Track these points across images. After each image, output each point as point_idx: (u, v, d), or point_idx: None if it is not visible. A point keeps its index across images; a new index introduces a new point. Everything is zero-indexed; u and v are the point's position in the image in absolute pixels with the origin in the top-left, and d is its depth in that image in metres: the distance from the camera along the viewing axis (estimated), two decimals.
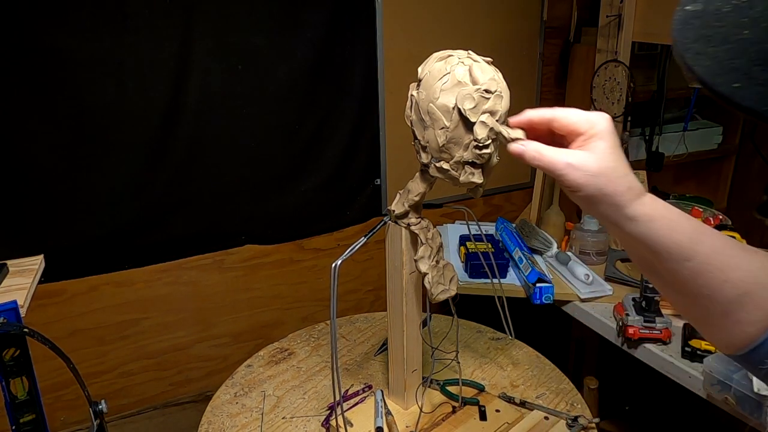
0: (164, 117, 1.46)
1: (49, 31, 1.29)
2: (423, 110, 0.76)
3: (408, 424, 1.01)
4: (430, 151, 0.78)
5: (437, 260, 0.91)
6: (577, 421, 1.01)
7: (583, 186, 0.56)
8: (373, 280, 1.95)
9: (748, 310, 0.53)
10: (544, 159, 0.59)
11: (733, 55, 0.23)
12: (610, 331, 1.39)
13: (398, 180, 1.84)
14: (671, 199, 1.93)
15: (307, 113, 1.65)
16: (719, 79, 0.24)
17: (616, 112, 1.76)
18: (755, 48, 0.23)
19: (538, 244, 1.69)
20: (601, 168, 0.56)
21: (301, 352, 1.27)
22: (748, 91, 0.22)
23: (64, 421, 1.57)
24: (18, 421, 0.93)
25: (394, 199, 0.91)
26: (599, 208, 0.57)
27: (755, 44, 0.23)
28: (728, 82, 0.23)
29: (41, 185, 1.38)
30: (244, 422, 1.06)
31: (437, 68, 0.75)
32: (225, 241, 1.67)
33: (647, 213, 0.56)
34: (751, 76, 0.22)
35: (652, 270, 0.59)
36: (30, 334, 0.88)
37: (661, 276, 0.58)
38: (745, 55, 0.23)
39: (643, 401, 2.00)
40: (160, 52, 1.41)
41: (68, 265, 1.46)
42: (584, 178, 0.56)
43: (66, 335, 1.52)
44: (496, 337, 1.31)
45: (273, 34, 1.53)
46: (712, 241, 0.55)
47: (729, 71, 0.23)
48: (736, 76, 0.23)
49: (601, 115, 0.58)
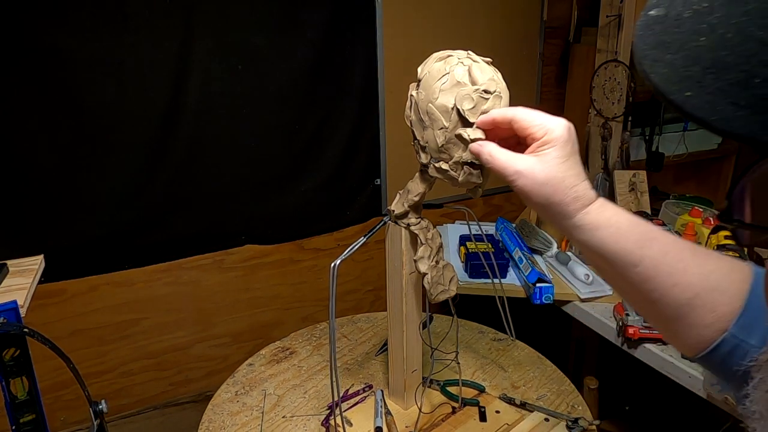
0: (164, 117, 1.46)
1: (49, 31, 1.29)
2: (422, 110, 0.76)
3: (408, 425, 1.01)
4: (430, 152, 0.78)
5: (437, 260, 0.91)
6: (577, 423, 1.01)
7: (530, 194, 0.58)
8: (373, 280, 1.95)
9: (700, 313, 0.54)
10: (497, 162, 0.61)
11: (689, 63, 0.23)
12: (610, 331, 1.39)
13: (398, 180, 1.84)
14: (671, 199, 1.93)
15: (307, 113, 1.65)
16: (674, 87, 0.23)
17: (617, 112, 1.76)
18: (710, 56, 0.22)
19: (538, 244, 1.69)
20: (548, 177, 0.57)
21: (302, 352, 1.27)
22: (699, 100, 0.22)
23: (64, 421, 1.57)
24: (18, 421, 0.93)
25: (394, 199, 0.91)
26: (547, 215, 0.59)
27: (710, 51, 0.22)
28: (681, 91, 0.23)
29: (41, 185, 1.38)
30: (244, 420, 1.06)
31: (436, 68, 0.75)
32: (225, 241, 1.67)
33: (592, 222, 0.57)
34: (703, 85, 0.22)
35: (605, 275, 0.60)
36: (30, 334, 0.88)
37: (614, 281, 0.59)
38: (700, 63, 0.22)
39: (643, 401, 2.00)
40: (160, 52, 1.41)
41: (68, 265, 1.46)
42: (531, 186, 0.57)
43: (66, 335, 1.51)
44: (497, 338, 1.31)
45: (273, 34, 1.53)
46: (660, 246, 0.55)
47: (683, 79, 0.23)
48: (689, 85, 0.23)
49: (559, 122, 0.59)
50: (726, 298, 0.53)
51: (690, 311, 0.54)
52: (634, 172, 1.80)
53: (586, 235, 0.57)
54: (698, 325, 0.54)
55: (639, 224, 0.57)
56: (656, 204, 1.87)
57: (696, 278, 0.54)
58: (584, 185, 0.58)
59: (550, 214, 0.59)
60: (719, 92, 0.21)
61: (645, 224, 0.57)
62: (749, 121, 0.20)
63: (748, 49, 0.21)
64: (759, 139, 0.20)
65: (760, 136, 0.20)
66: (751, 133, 0.20)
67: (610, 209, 0.58)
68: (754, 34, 0.21)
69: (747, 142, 0.20)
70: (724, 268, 0.55)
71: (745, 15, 0.22)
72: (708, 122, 0.22)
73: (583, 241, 0.58)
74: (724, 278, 0.54)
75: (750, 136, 0.20)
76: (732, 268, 0.55)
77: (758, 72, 0.20)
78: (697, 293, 0.53)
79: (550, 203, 0.58)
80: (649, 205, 1.78)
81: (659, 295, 0.55)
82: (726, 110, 0.21)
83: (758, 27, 0.21)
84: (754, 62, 0.21)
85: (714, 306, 0.53)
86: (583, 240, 0.58)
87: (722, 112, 0.21)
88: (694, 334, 0.55)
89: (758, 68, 0.20)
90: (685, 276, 0.54)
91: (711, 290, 0.54)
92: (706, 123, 0.22)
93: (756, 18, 0.21)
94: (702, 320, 0.54)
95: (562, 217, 0.58)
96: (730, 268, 0.55)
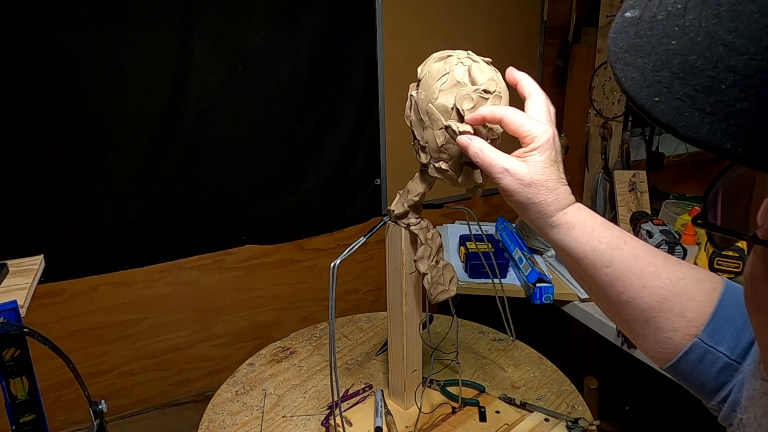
0: (164, 117, 1.46)
1: (49, 31, 1.29)
2: (422, 110, 0.76)
3: (407, 425, 1.01)
4: (429, 152, 0.78)
5: (437, 260, 0.91)
6: (577, 423, 1.01)
7: (514, 192, 0.61)
8: (373, 280, 1.95)
9: (668, 317, 0.55)
10: (485, 158, 0.64)
11: (659, 67, 0.23)
12: (610, 331, 1.39)
13: (398, 180, 1.84)
14: (671, 199, 1.93)
15: (307, 113, 1.65)
16: (643, 92, 0.23)
17: (617, 112, 1.76)
18: (679, 60, 0.22)
19: (538, 244, 1.69)
20: (532, 179, 0.60)
21: (302, 351, 1.27)
22: (667, 105, 0.22)
23: (64, 421, 1.57)
24: (18, 421, 0.93)
25: (394, 199, 0.91)
26: (527, 214, 0.62)
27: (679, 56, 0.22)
28: (650, 96, 0.22)
29: (41, 185, 1.38)
30: (244, 420, 1.06)
31: (436, 68, 0.75)
32: (225, 241, 1.67)
33: (568, 222, 0.60)
34: (671, 90, 0.22)
35: (578, 276, 0.62)
36: (30, 334, 0.88)
37: (585, 282, 0.61)
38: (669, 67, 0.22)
39: (643, 401, 2.00)
40: (160, 52, 1.41)
41: (68, 265, 1.46)
42: (516, 185, 0.61)
43: (66, 335, 1.52)
44: (498, 338, 1.31)
45: (273, 34, 1.53)
46: (631, 250, 0.58)
47: (652, 84, 0.23)
48: (657, 90, 0.22)
49: (545, 129, 0.62)
50: (695, 304, 0.54)
51: (658, 314, 0.55)
52: (634, 172, 1.80)
53: (561, 235, 0.60)
54: (667, 328, 0.55)
55: (612, 228, 0.60)
56: (656, 204, 1.87)
57: (665, 283, 0.55)
58: (564, 189, 0.62)
59: (529, 213, 0.62)
60: (687, 98, 0.21)
61: (618, 230, 0.60)
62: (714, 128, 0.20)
63: (716, 53, 0.21)
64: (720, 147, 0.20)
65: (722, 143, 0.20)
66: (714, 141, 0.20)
67: (585, 212, 0.61)
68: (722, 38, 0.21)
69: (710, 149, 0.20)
70: (695, 276, 0.56)
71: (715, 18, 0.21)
72: (674, 128, 0.21)
73: (558, 240, 0.61)
74: (693, 285, 0.55)
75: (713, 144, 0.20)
76: (702, 278, 0.56)
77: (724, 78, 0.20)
78: (666, 297, 0.55)
79: (531, 203, 0.61)
80: (649, 205, 1.78)
81: (628, 298, 0.56)
82: (692, 116, 0.21)
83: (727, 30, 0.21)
84: (721, 68, 0.20)
85: (682, 311, 0.54)
86: (559, 239, 0.61)
87: (688, 119, 0.21)
88: (662, 339, 0.55)
89: (724, 74, 0.20)
90: (654, 280, 0.56)
91: (679, 295, 0.55)
92: (673, 129, 0.21)
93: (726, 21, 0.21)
94: (670, 324, 0.55)
95: (540, 216, 0.61)
96: (700, 277, 0.56)
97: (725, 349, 0.52)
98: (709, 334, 0.53)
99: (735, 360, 0.52)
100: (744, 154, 0.19)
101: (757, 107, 0.19)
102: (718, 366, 0.53)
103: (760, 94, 0.19)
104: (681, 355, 0.54)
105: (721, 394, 0.53)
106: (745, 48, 0.20)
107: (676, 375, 0.57)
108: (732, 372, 0.52)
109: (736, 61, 0.20)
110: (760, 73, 0.19)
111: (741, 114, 0.19)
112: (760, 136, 0.19)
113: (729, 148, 0.20)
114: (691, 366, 0.54)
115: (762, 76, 0.19)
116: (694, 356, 0.54)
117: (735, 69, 0.20)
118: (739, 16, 0.21)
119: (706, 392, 0.55)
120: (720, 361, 0.52)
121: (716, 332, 0.53)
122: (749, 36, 0.20)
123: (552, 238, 0.61)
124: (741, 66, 0.20)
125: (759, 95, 0.19)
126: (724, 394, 0.53)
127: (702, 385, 0.55)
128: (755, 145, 0.19)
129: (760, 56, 0.19)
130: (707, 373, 0.53)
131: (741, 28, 0.20)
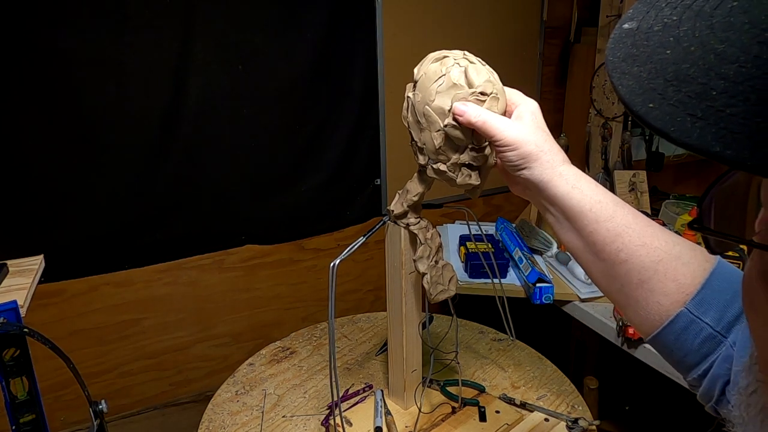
0: (164, 117, 1.46)
1: (49, 31, 1.29)
2: (419, 112, 0.76)
3: (407, 424, 1.01)
4: (427, 153, 0.78)
5: (436, 260, 0.91)
6: (577, 423, 1.01)
7: (522, 141, 0.62)
8: (373, 280, 1.95)
9: (662, 279, 0.55)
10: (487, 117, 0.66)
11: (653, 75, 0.24)
12: (610, 331, 1.39)
13: (398, 180, 1.84)
14: (671, 199, 1.93)
15: (307, 113, 1.65)
16: (638, 99, 0.24)
17: (617, 112, 1.76)
18: (672, 68, 0.23)
19: (538, 244, 1.69)
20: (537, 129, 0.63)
21: (302, 351, 1.27)
22: (660, 111, 0.23)
23: (64, 421, 1.57)
24: (18, 421, 0.93)
25: (394, 199, 0.91)
26: (533, 168, 0.63)
27: (673, 64, 0.23)
28: (645, 102, 0.23)
29: (41, 185, 1.38)
30: (244, 420, 1.06)
31: (433, 70, 0.74)
32: (225, 241, 1.67)
33: (576, 172, 0.62)
34: (665, 96, 0.23)
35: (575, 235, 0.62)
36: (30, 334, 0.88)
37: (583, 240, 0.61)
38: (663, 75, 0.23)
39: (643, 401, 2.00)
40: (160, 52, 1.41)
41: (68, 265, 1.46)
42: (525, 132, 0.63)
43: (66, 335, 1.52)
44: (497, 338, 1.31)
45: (273, 34, 1.53)
46: (630, 209, 0.59)
47: (647, 91, 0.24)
48: (652, 96, 0.23)
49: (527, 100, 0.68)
50: (688, 270, 0.55)
51: (653, 276, 0.55)
52: (634, 172, 1.80)
53: (569, 185, 0.60)
54: (658, 292, 0.55)
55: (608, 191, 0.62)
56: (656, 204, 1.87)
57: (663, 243, 0.56)
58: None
59: (535, 166, 0.62)
60: (679, 104, 0.22)
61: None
62: (704, 132, 0.21)
63: (708, 61, 0.22)
64: (710, 150, 0.20)
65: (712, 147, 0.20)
66: (704, 144, 0.21)
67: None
68: (714, 48, 0.22)
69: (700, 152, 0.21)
70: (689, 245, 0.57)
71: (708, 28, 0.22)
72: (667, 133, 0.22)
73: (564, 192, 0.61)
74: (688, 252, 0.56)
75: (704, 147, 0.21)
76: (696, 248, 0.57)
77: (715, 85, 0.21)
78: (662, 258, 0.55)
79: (540, 150, 0.62)
80: (649, 205, 1.78)
81: (626, 255, 0.57)
82: (684, 121, 0.21)
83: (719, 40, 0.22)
84: (712, 75, 0.21)
85: (676, 275, 0.55)
86: (565, 192, 0.61)
87: (680, 123, 0.22)
88: (652, 304, 0.56)
89: (715, 81, 0.21)
90: (653, 239, 0.56)
91: (675, 258, 0.55)
92: (666, 134, 0.22)
93: (718, 31, 0.22)
94: (663, 287, 0.55)
95: (550, 164, 0.61)
96: (694, 246, 0.57)
97: (711, 320, 0.53)
98: (697, 304, 0.53)
99: (719, 332, 0.52)
100: (732, 157, 0.20)
101: (746, 112, 0.20)
102: (702, 337, 0.53)
103: (749, 100, 0.20)
104: (666, 324, 0.55)
105: (701, 367, 0.54)
106: (735, 57, 0.21)
107: (659, 345, 0.58)
108: (715, 345, 0.53)
109: (726, 69, 0.21)
110: (749, 80, 0.20)
111: (730, 119, 0.20)
112: (748, 139, 0.19)
113: (718, 151, 0.20)
114: (675, 336, 0.55)
115: (751, 82, 0.20)
116: (679, 325, 0.54)
117: (725, 76, 0.21)
118: (730, 27, 0.22)
119: (686, 365, 0.55)
120: (704, 332, 0.53)
121: (704, 302, 0.53)
122: (740, 45, 0.21)
123: (558, 191, 0.61)
124: (731, 74, 0.21)
125: (748, 101, 0.20)
126: (705, 367, 0.53)
127: (683, 357, 0.55)
128: (743, 148, 0.20)
129: (749, 64, 0.20)
130: (690, 344, 0.54)
131: (732, 39, 0.21)
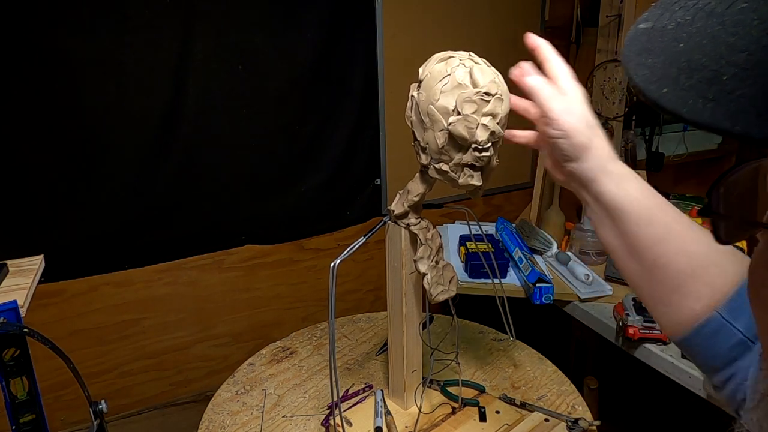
0: (164, 117, 1.46)
1: (49, 31, 1.29)
2: (423, 111, 0.76)
3: (407, 425, 1.01)
4: (430, 153, 0.78)
5: (437, 260, 0.91)
6: (577, 423, 1.01)
7: (576, 131, 0.60)
8: (373, 280, 1.95)
9: (697, 286, 0.55)
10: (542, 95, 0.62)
11: (667, 65, 0.26)
12: (610, 331, 1.39)
13: (398, 180, 1.84)
14: (671, 199, 1.93)
15: (307, 113, 1.65)
16: (652, 86, 0.26)
17: (618, 112, 1.76)
18: (685, 58, 0.25)
19: (538, 244, 1.69)
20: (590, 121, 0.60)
21: (303, 351, 1.27)
22: (672, 95, 0.25)
23: (64, 421, 1.57)
24: (18, 421, 0.93)
25: (394, 199, 0.91)
26: (582, 161, 0.60)
27: (686, 55, 0.25)
28: (659, 88, 0.26)
29: (41, 185, 1.38)
30: (244, 420, 1.06)
31: (438, 69, 0.74)
32: (225, 241, 1.67)
33: (623, 170, 0.59)
34: (677, 83, 0.25)
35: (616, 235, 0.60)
36: (30, 334, 0.88)
37: (623, 241, 0.59)
38: (676, 64, 0.25)
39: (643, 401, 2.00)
40: (160, 52, 1.41)
41: (68, 265, 1.46)
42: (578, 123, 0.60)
43: (66, 335, 1.51)
44: (498, 338, 1.31)
45: (273, 34, 1.53)
46: (673, 212, 0.58)
47: (660, 78, 0.26)
48: (665, 83, 0.26)
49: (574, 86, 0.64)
50: (723, 277, 0.54)
51: (689, 280, 0.55)
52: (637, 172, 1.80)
53: (613, 184, 0.58)
54: (693, 296, 0.55)
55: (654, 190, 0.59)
56: None
57: (703, 248, 0.55)
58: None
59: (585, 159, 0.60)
60: (691, 89, 0.24)
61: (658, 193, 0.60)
62: (715, 111, 0.23)
63: (719, 52, 0.24)
64: (720, 127, 0.23)
65: (722, 124, 0.23)
66: (714, 122, 0.23)
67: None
68: (725, 41, 0.24)
69: (711, 129, 0.23)
70: (727, 249, 0.56)
71: (719, 25, 0.25)
72: (680, 114, 0.24)
73: (609, 190, 0.58)
74: (725, 257, 0.55)
75: (714, 124, 0.23)
76: (734, 252, 0.56)
77: (726, 70, 0.23)
78: (701, 264, 0.55)
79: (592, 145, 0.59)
80: None
81: (665, 261, 0.56)
82: (696, 103, 0.24)
83: (729, 34, 0.24)
84: (723, 63, 0.23)
85: (712, 280, 0.54)
86: (610, 189, 0.58)
87: (692, 105, 0.24)
88: (685, 307, 0.55)
89: (726, 67, 0.23)
90: (692, 245, 0.55)
91: (712, 264, 0.55)
92: (678, 115, 0.24)
93: (729, 27, 0.24)
94: (697, 292, 0.55)
95: (599, 159, 0.59)
96: (732, 251, 0.56)
97: (742, 326, 0.52)
98: (729, 309, 0.53)
99: (749, 338, 0.52)
100: (741, 132, 0.22)
101: (754, 92, 0.22)
102: (732, 342, 0.52)
103: (757, 83, 0.22)
104: (697, 327, 0.54)
105: (728, 371, 0.53)
106: (745, 47, 0.23)
107: (687, 347, 0.57)
108: (744, 350, 0.52)
109: (736, 57, 0.23)
110: (758, 66, 0.22)
111: (740, 99, 0.22)
112: (755, 116, 0.22)
113: (728, 126, 0.22)
114: (704, 339, 0.54)
115: (759, 68, 0.22)
116: (709, 329, 0.54)
117: (735, 63, 0.23)
118: (741, 23, 0.24)
119: (713, 368, 0.55)
120: (734, 338, 0.52)
121: (736, 308, 0.53)
122: (749, 38, 0.23)
123: (603, 189, 0.59)
124: (741, 61, 0.23)
125: (756, 84, 0.22)
126: (732, 371, 0.53)
127: (711, 360, 0.55)
128: (751, 124, 0.22)
129: (759, 53, 0.22)
130: (720, 347, 0.53)
131: (742, 33, 0.24)
